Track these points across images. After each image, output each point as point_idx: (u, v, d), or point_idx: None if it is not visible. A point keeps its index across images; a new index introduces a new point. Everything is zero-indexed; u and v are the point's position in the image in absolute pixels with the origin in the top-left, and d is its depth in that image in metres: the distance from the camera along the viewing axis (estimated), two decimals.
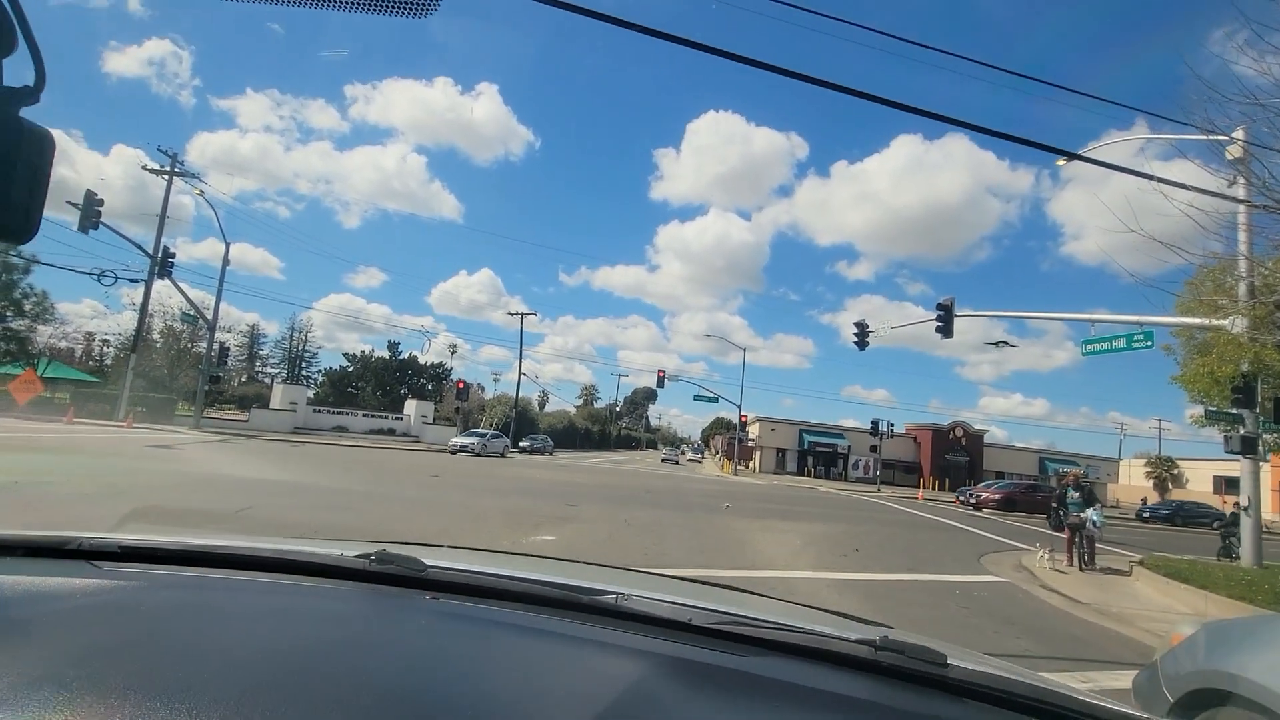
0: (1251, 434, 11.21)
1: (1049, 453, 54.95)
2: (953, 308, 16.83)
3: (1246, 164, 9.94)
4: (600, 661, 0.92)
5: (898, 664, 0.97)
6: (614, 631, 1.03)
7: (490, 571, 1.28)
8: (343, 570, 1.21)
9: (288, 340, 72.40)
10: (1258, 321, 10.40)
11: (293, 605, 1.04)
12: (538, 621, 1.05)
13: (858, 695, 0.90)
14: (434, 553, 1.40)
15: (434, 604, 1.10)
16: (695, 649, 0.98)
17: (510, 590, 1.17)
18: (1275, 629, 2.65)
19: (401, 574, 1.19)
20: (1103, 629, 6.78)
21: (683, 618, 1.08)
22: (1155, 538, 20.73)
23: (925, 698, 0.93)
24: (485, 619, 1.05)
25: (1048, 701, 0.93)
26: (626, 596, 1.13)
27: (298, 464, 16.27)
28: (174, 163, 29.11)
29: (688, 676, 0.89)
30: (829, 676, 0.96)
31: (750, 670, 0.93)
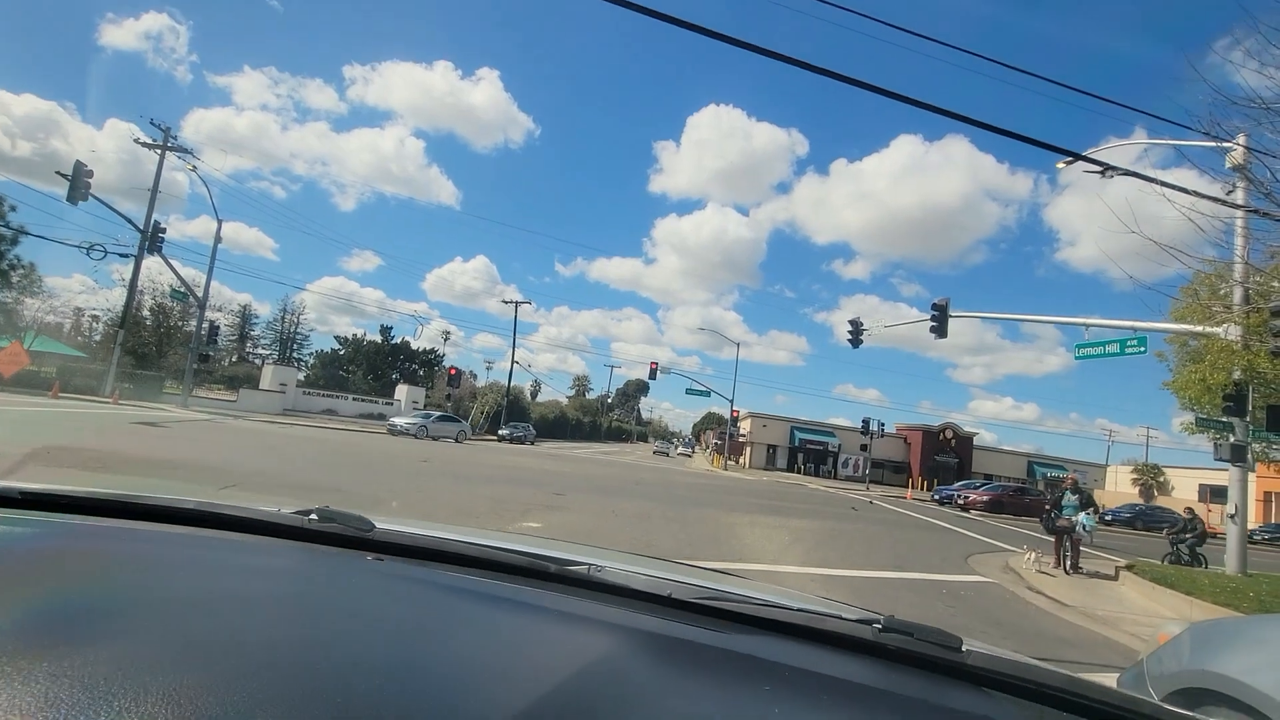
0: (1241, 442, 11.24)
1: (1037, 457, 55.35)
2: (947, 308, 16.82)
3: (1246, 170, 9.93)
4: (569, 633, 0.82)
5: (905, 647, 0.86)
6: (586, 602, 0.93)
7: (445, 535, 1.17)
8: (280, 528, 1.10)
9: (279, 321, 72.04)
10: (1252, 329, 10.41)
11: (220, 560, 0.93)
12: (498, 589, 0.94)
13: (859, 680, 0.79)
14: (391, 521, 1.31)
15: (379, 565, 0.99)
16: (676, 624, 0.88)
17: (468, 555, 1.07)
18: (1258, 630, 2.66)
19: (345, 534, 1.08)
20: (1088, 631, 6.76)
21: (662, 591, 0.98)
22: (1120, 541, 20.85)
23: (938, 685, 0.82)
24: (438, 583, 0.95)
25: (1082, 695, 0.82)
26: (600, 568, 1.03)
27: (284, 446, 16.10)
28: (167, 137, 28.68)
29: (667, 653, 0.79)
30: (826, 658, 0.85)
31: (737, 649, 0.82)
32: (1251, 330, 10.45)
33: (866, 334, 19.87)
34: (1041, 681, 0.83)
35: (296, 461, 12.87)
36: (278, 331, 72.38)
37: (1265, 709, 2.05)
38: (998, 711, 0.77)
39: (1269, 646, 2.37)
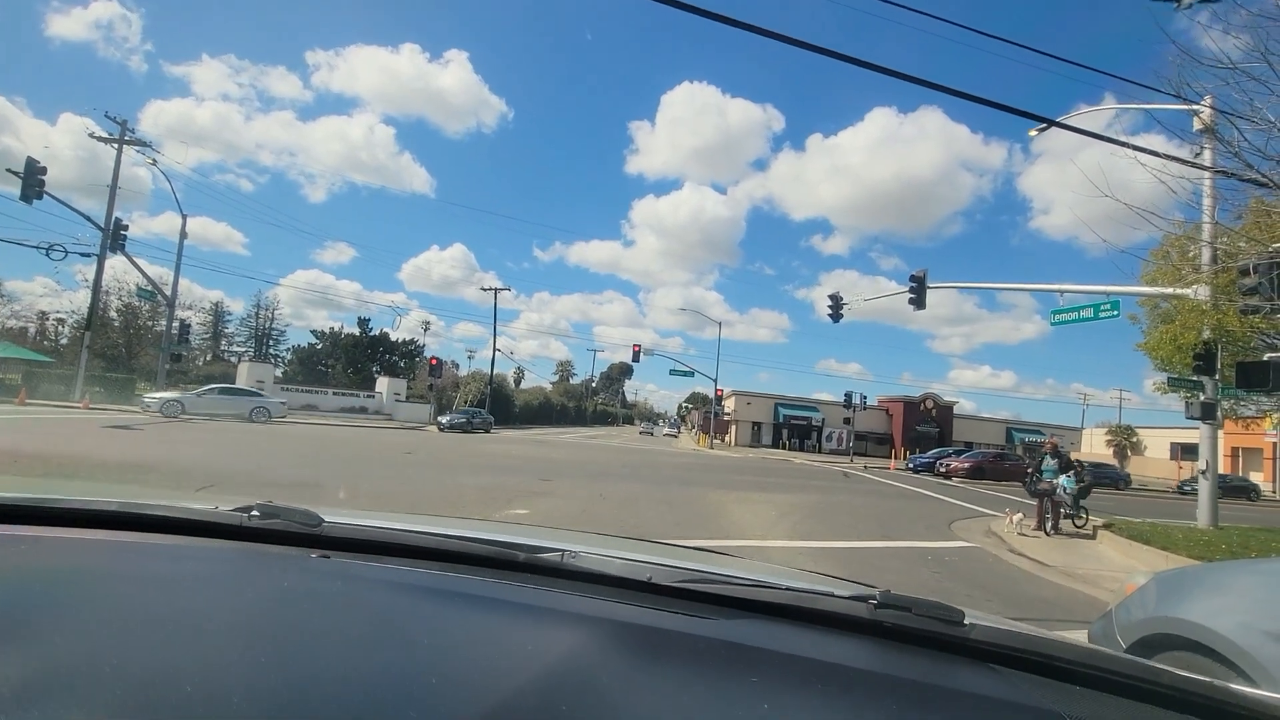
0: (1211, 400, 11.51)
1: (1015, 423, 56.45)
2: (925, 280, 16.94)
3: (1214, 131, 10.04)
4: (537, 630, 0.75)
5: (903, 624, 0.80)
6: (558, 594, 0.87)
7: (402, 527, 1.09)
8: (216, 527, 1.01)
9: (254, 318, 70.47)
10: (1221, 288, 10.61)
11: (142, 568, 0.85)
12: (460, 584, 0.87)
13: (855, 663, 0.74)
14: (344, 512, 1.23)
15: (326, 565, 0.91)
16: (657, 612, 0.83)
17: (427, 548, 0.99)
18: (1218, 576, 2.74)
19: (290, 531, 1.00)
20: (1070, 590, 6.92)
21: (641, 576, 0.91)
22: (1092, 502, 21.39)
23: (940, 664, 0.76)
24: (392, 581, 0.87)
25: (1097, 666, 0.77)
26: (574, 554, 0.96)
27: (264, 443, 15.84)
28: (124, 130, 27.70)
29: (647, 644, 0.73)
30: (818, 641, 0.80)
31: (721, 636, 0.77)
32: (1220, 290, 10.64)
33: (847, 308, 19.96)
34: (1051, 654, 0.78)
35: (275, 458, 12.67)
36: (252, 328, 70.85)
37: (1225, 650, 2.13)
38: (1006, 689, 0.72)
39: (1228, 591, 2.45)
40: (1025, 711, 0.67)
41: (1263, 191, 7.47)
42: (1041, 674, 0.77)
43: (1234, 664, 2.11)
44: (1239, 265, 8.73)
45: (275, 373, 44.13)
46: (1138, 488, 33.44)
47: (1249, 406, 16.04)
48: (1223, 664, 2.14)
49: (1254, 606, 2.25)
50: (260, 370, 38.28)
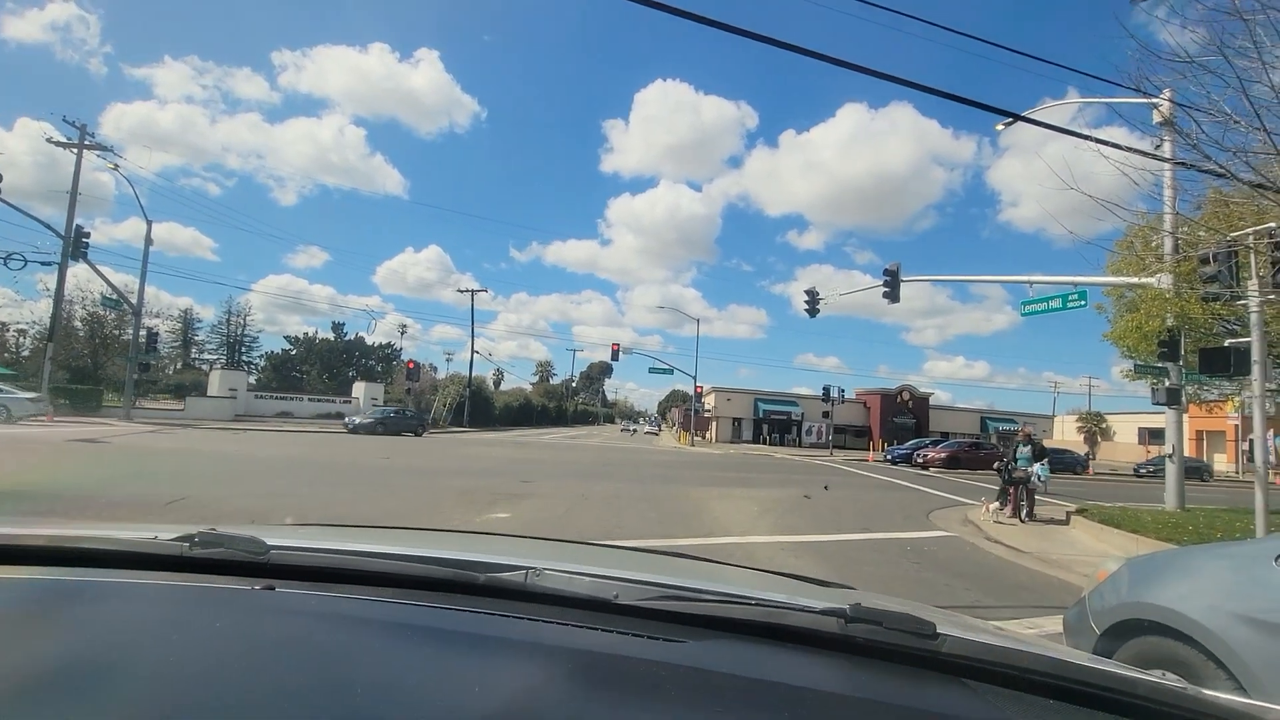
0: (1176, 385, 11.83)
1: (989, 412, 57.52)
2: (899, 273, 17.16)
3: (1173, 124, 10.31)
4: (498, 664, 0.72)
5: (875, 639, 0.79)
6: (520, 621, 0.83)
7: (354, 549, 1.03)
8: (152, 559, 0.95)
9: (225, 324, 68.90)
10: (1182, 276, 10.90)
11: (67, 607, 0.79)
12: (415, 615, 0.83)
13: (825, 686, 0.71)
14: (298, 532, 1.18)
15: (270, 597, 0.85)
16: (620, 636, 0.80)
17: (381, 572, 0.94)
18: (1186, 561, 2.80)
19: (234, 560, 0.94)
20: (1045, 576, 7.06)
21: (607, 594, 0.88)
22: (1060, 486, 21.93)
23: (911, 680, 0.75)
24: (342, 614, 0.82)
25: (1069, 678, 0.75)
26: (538, 572, 0.92)
27: (238, 452, 15.51)
28: (83, 135, 26.85)
29: (609, 675, 0.70)
30: (788, 661, 0.77)
31: (687, 661, 0.73)
32: (1182, 278, 10.93)
33: (823, 303, 20.16)
34: (1024, 667, 0.77)
35: (249, 469, 12.41)
36: (224, 335, 69.26)
37: (1195, 634, 2.20)
38: (977, 707, 0.70)
39: (1196, 576, 2.51)
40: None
41: (1220, 182, 7.68)
42: (1015, 686, 0.75)
43: (1202, 646, 2.16)
44: (1199, 254, 8.97)
45: (249, 380, 43.31)
46: (1098, 472, 34.37)
47: (1212, 391, 16.50)
48: (1192, 647, 2.20)
49: (1221, 590, 2.31)
50: (233, 378, 37.52)
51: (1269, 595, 2.14)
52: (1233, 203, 9.00)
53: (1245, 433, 35.57)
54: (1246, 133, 5.52)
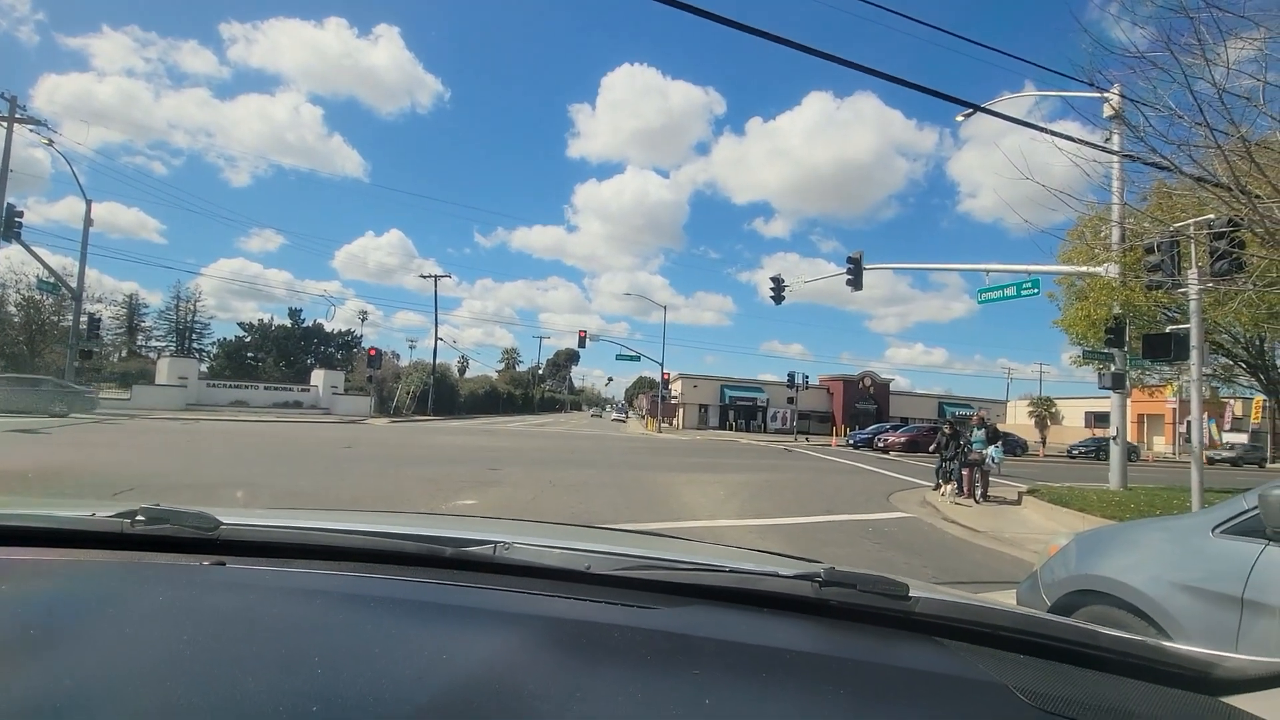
0: (1121, 370, 12.37)
1: (947, 397, 59.38)
2: (861, 261, 17.45)
3: (1122, 118, 10.69)
4: (467, 632, 0.70)
5: (849, 601, 0.79)
6: (490, 591, 0.81)
7: (312, 525, 0.99)
8: (94, 537, 0.90)
9: (174, 310, 66.24)
10: (1128, 266, 11.37)
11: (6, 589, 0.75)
12: (378, 586, 0.80)
13: (800, 646, 0.72)
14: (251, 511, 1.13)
15: (221, 573, 0.81)
16: (595, 605, 0.79)
17: (340, 547, 0.90)
18: (1129, 534, 2.95)
19: (182, 537, 0.89)
20: (999, 553, 7.35)
21: (579, 565, 0.86)
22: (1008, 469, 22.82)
23: (885, 641, 0.76)
24: (299, 588, 0.78)
25: (1038, 633, 0.78)
26: (507, 546, 0.89)
27: (191, 441, 14.98)
28: (14, 107, 25.25)
29: (583, 641, 0.70)
30: (764, 625, 0.78)
31: (662, 626, 0.73)
32: (1128, 268, 11.41)
33: (788, 290, 20.38)
34: (994, 624, 0.79)
35: (203, 458, 12.01)
36: (173, 321, 66.58)
37: (1138, 602, 2.32)
38: (952, 663, 0.72)
39: (1138, 548, 2.65)
40: (972, 685, 0.67)
41: (1165, 175, 7.99)
42: (985, 643, 0.77)
43: (1146, 614, 2.28)
44: (1144, 244, 9.36)
45: (200, 368, 41.78)
46: (1048, 454, 36.13)
47: (1153, 376, 17.36)
48: (1137, 615, 2.31)
49: (1161, 561, 2.44)
50: (183, 366, 36.16)
51: (1203, 565, 2.27)
52: (1176, 195, 9.40)
53: (1183, 416, 37.54)
54: (1190, 127, 5.74)
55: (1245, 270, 7.99)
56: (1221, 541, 2.22)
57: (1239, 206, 5.85)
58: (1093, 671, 0.73)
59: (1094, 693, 0.68)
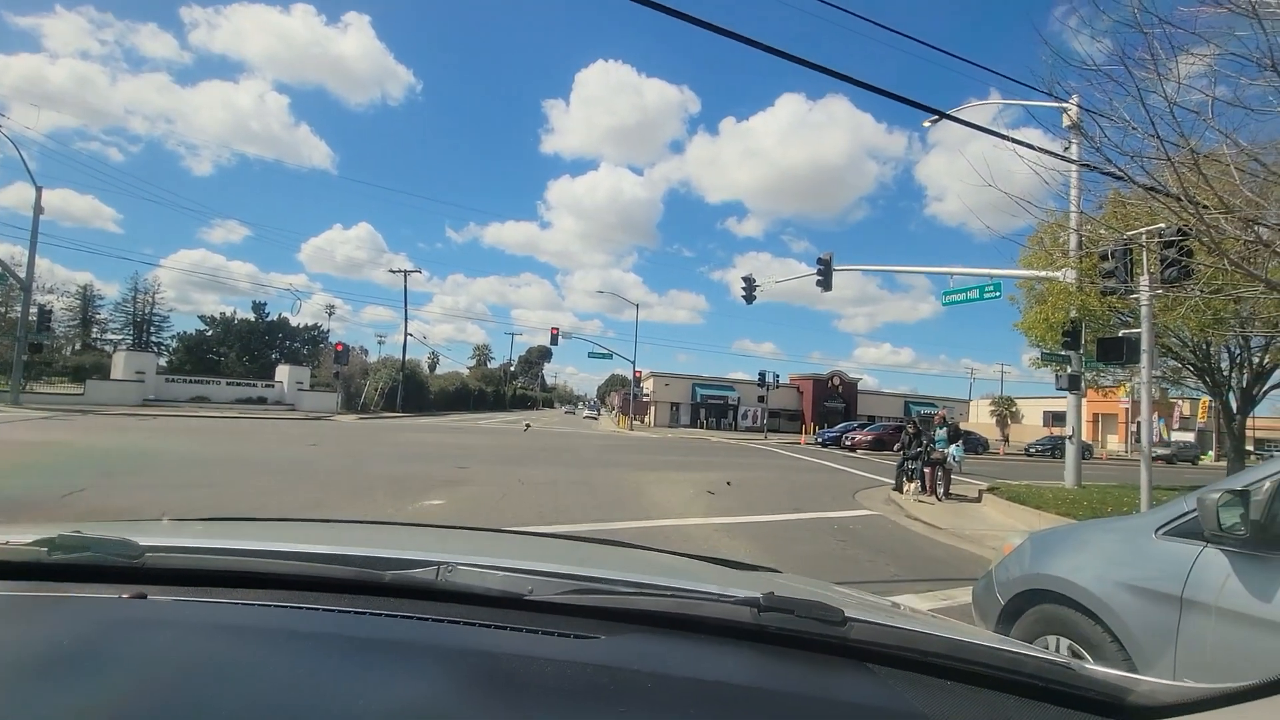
0: (1077, 372, 12.78)
1: (912, 397, 60.58)
2: (831, 262, 17.70)
3: (1080, 128, 11.03)
4: (401, 674, 0.66)
5: (786, 627, 0.80)
6: (425, 623, 0.78)
7: (246, 547, 0.95)
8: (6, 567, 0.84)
9: (131, 302, 63.85)
10: (1084, 272, 11.74)
11: None
12: (310, 621, 0.75)
13: (736, 679, 0.72)
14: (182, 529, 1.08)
15: (140, 607, 0.76)
16: (530, 636, 0.77)
17: (274, 574, 0.85)
18: (1080, 534, 3.04)
19: (103, 565, 0.84)
20: (959, 550, 7.53)
21: (520, 590, 0.84)
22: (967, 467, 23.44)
23: (819, 669, 0.77)
24: (224, 624, 0.74)
25: (964, 659, 0.79)
26: (451, 568, 0.87)
27: (146, 439, 14.48)
28: None
29: (518, 680, 0.67)
30: (700, 653, 0.77)
31: (599, 660, 0.72)
32: (1084, 273, 11.77)
33: (760, 290, 20.57)
34: (923, 649, 0.80)
35: (159, 457, 11.61)
36: (129, 314, 64.13)
37: (1085, 601, 2.39)
38: (881, 694, 0.73)
39: (1087, 549, 2.73)
40: (895, 718, 0.68)
41: (1120, 184, 8.26)
42: (916, 669, 0.79)
43: (1093, 613, 2.36)
44: (1099, 251, 9.67)
45: (159, 362, 40.45)
46: (1008, 452, 37.37)
47: (1107, 377, 17.96)
48: (1085, 614, 2.39)
49: (1107, 561, 2.52)
50: (140, 360, 34.92)
51: (1146, 565, 2.35)
52: (1130, 204, 9.72)
53: (1135, 416, 39.06)
54: (1143, 139, 5.94)
55: (1193, 277, 8.31)
56: (1163, 543, 2.30)
57: (1187, 216, 6.07)
58: (1014, 698, 0.75)
59: None
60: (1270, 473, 2.02)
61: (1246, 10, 5.10)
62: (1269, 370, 13.50)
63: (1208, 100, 5.70)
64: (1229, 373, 13.84)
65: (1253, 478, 2.06)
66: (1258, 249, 5.75)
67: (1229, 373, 13.84)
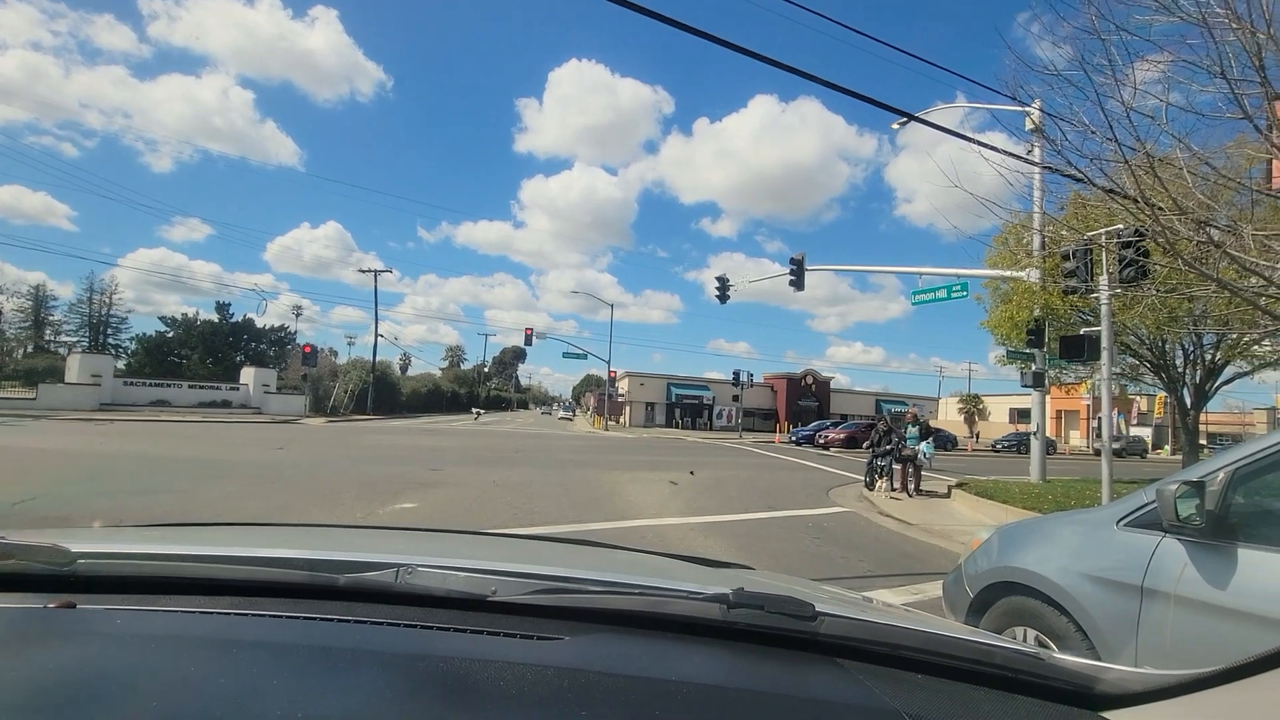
0: (1041, 369, 13.13)
1: (884, 395, 61.65)
2: (803, 263, 17.89)
3: (1042, 132, 11.33)
4: (357, 684, 0.63)
5: (756, 624, 0.79)
6: (383, 628, 0.74)
7: (184, 553, 0.89)
8: None
9: (87, 303, 61.64)
10: (1047, 272, 12.06)
11: None
12: (259, 628, 0.72)
13: (704, 678, 0.70)
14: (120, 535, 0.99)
15: (69, 617, 0.72)
16: (492, 638, 0.75)
17: (219, 579, 0.81)
18: (1045, 528, 3.12)
19: (31, 574, 0.79)
20: (929, 545, 7.67)
21: (483, 591, 0.82)
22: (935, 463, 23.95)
23: (790, 666, 0.75)
24: (161, 633, 0.69)
25: (935, 651, 0.79)
26: (411, 569, 0.83)
27: (103, 444, 13.96)
28: None
29: (472, 686, 0.65)
30: (669, 652, 0.76)
31: (562, 662, 0.70)
32: (1047, 273, 12.11)
33: (734, 290, 20.71)
34: (894, 643, 0.80)
35: (118, 462, 11.21)
36: (85, 315, 61.92)
37: (1050, 592, 2.45)
38: (851, 690, 0.72)
39: (1052, 541, 2.80)
40: (867, 715, 0.67)
41: (1080, 186, 8.50)
42: (887, 663, 0.78)
43: (1058, 603, 2.42)
44: (1061, 251, 9.94)
45: (116, 365, 39.11)
46: (968, 448, 38.49)
47: (1070, 374, 18.48)
48: (1051, 605, 2.45)
49: (1072, 553, 2.58)
50: (96, 363, 33.73)
51: (1108, 556, 2.42)
52: (1090, 206, 10.01)
53: (1096, 412, 40.37)
54: (1101, 143, 6.12)
55: (1149, 277, 8.60)
56: (1124, 534, 2.36)
57: (1144, 218, 6.27)
58: (984, 690, 0.75)
59: (982, 713, 0.70)
60: (1223, 464, 2.09)
61: (1197, 19, 5.29)
62: (1220, 367, 14.03)
63: (1162, 105, 5.91)
64: (1183, 369, 14.34)
65: (1207, 469, 2.12)
66: (1209, 249, 5.96)
67: (1183, 369, 14.34)
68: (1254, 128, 5.54)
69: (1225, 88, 5.27)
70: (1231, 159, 6.99)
